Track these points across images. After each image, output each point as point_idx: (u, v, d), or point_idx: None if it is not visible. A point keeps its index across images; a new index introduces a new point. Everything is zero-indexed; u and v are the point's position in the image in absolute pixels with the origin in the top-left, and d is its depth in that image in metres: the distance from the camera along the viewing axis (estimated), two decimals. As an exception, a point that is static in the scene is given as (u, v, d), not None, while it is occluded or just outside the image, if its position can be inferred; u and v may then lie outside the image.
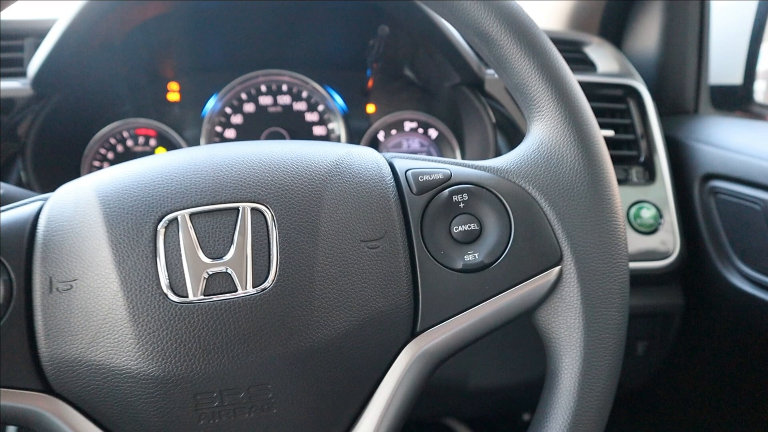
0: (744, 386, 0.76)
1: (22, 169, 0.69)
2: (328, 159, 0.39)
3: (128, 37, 0.71)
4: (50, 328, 0.35)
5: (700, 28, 0.82)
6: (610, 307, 0.38)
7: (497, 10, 0.40)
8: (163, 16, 0.72)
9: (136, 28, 0.70)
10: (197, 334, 0.34)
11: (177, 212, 0.35)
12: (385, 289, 0.37)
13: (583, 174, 0.39)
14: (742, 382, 0.76)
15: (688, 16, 0.81)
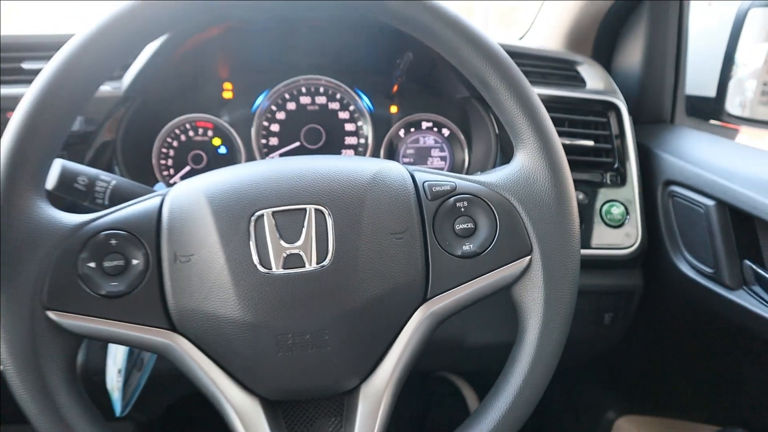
0: (687, 349, 0.89)
1: (114, 157, 0.83)
2: (368, 172, 0.53)
3: (196, 49, 0.85)
4: (175, 287, 0.50)
5: (677, 50, 0.92)
6: (564, 287, 0.53)
7: (496, 66, 0.53)
8: (225, 31, 0.85)
9: (204, 41, 0.84)
10: (278, 295, 0.49)
11: (263, 210, 0.50)
12: (405, 267, 0.52)
13: (550, 192, 0.53)
14: (686, 347, 0.89)
15: (666, 39, 0.91)
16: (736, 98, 1.04)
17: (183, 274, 0.49)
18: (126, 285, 0.49)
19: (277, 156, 0.92)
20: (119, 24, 0.49)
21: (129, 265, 0.50)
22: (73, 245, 0.49)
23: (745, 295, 0.68)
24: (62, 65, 0.48)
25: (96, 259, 0.49)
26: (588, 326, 0.87)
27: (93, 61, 0.49)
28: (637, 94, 0.94)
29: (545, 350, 0.52)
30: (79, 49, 0.48)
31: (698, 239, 0.74)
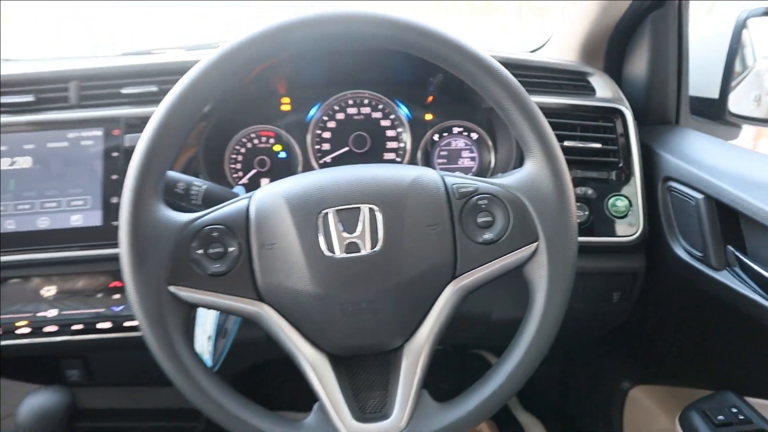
0: (685, 323, 0.99)
1: (197, 164, 0.97)
2: (408, 178, 0.68)
3: (262, 71, 0.99)
4: (262, 268, 0.65)
5: (679, 58, 1.02)
6: (564, 266, 0.67)
7: (509, 93, 0.67)
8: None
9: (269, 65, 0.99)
10: (341, 273, 0.64)
11: (328, 209, 0.65)
12: (438, 252, 0.66)
13: (553, 192, 0.67)
14: (684, 321, 0.99)
15: (668, 49, 1.01)
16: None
17: (268, 258, 0.65)
18: (226, 266, 0.65)
19: (329, 159, 1.07)
20: (233, 56, 0.62)
21: (227, 252, 0.65)
22: (185, 237, 0.65)
23: (728, 275, 0.79)
24: (181, 95, 0.63)
25: (203, 247, 0.65)
26: (599, 304, 0.99)
27: (205, 90, 0.63)
28: (644, 98, 1.04)
29: (549, 316, 0.66)
30: (196, 79, 0.63)
31: (690, 227, 0.85)
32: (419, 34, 0.66)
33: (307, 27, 0.64)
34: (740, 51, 1.11)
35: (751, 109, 1.13)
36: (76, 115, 0.94)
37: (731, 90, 1.09)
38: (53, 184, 0.91)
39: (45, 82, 0.96)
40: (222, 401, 0.64)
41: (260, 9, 7.05)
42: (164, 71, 0.98)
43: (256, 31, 0.64)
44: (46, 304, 0.93)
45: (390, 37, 0.65)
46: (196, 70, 0.64)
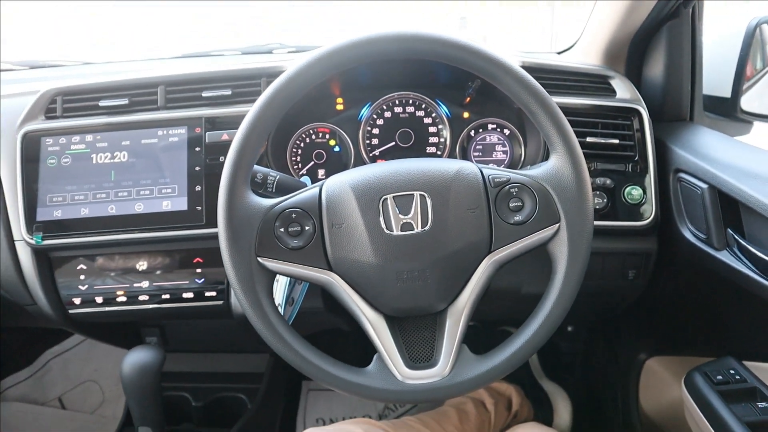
0: (693, 298, 1.10)
1: (267, 157, 1.12)
2: (452, 169, 0.81)
3: None
4: (333, 244, 0.79)
5: (692, 61, 1.13)
6: (581, 244, 0.79)
7: (536, 99, 0.80)
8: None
9: None
10: (397, 247, 0.77)
11: (387, 195, 0.78)
12: (477, 230, 0.80)
13: (573, 182, 0.79)
14: (692, 296, 1.09)
15: (682, 54, 1.12)
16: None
17: (337, 235, 0.79)
18: (302, 242, 0.79)
19: (378, 152, 1.21)
20: (313, 67, 0.77)
21: (304, 230, 0.80)
22: (270, 218, 0.80)
23: (728, 254, 0.91)
24: (268, 100, 0.77)
25: (284, 226, 0.80)
26: (616, 280, 1.11)
27: (288, 96, 0.77)
28: (661, 98, 1.15)
29: (568, 285, 0.79)
30: (280, 87, 0.77)
31: (696, 213, 0.97)
32: (467, 51, 0.79)
33: (384, 42, 0.78)
34: (761, 49, 1.21)
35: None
36: (163, 115, 1.09)
37: (744, 90, 1.19)
38: (146, 174, 1.07)
39: (137, 87, 1.12)
40: (299, 349, 0.79)
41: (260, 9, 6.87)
42: (236, 77, 1.13)
43: (338, 44, 0.78)
44: (140, 276, 1.10)
45: (443, 54, 0.78)
46: (281, 80, 0.78)
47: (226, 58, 1.59)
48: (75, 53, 7.65)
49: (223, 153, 1.06)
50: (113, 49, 8.19)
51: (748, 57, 1.18)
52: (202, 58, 1.68)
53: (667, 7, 1.08)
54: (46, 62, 1.68)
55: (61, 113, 1.10)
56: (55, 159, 1.07)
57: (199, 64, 1.46)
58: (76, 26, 7.47)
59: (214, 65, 1.15)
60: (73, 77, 1.47)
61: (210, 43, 7.02)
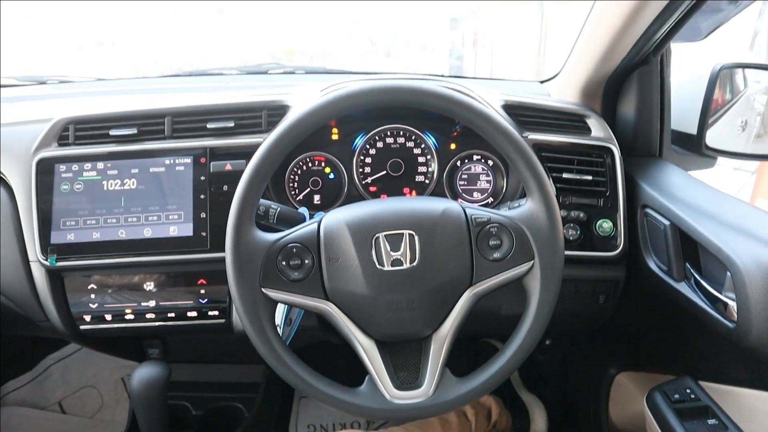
0: (657, 321, 1.19)
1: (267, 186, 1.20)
2: (438, 209, 0.90)
3: None
4: (330, 276, 0.88)
5: (661, 103, 1.22)
6: (552, 280, 0.88)
7: (515, 148, 0.89)
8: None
9: None
10: (388, 281, 0.86)
11: (379, 233, 0.87)
12: (460, 266, 0.89)
13: (546, 225, 0.88)
14: (656, 319, 1.18)
15: (652, 96, 1.21)
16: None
17: (334, 269, 0.88)
18: (302, 275, 0.88)
19: (370, 180, 1.29)
20: (314, 116, 0.86)
21: (303, 263, 0.88)
22: (273, 252, 0.88)
23: (686, 286, 1.00)
24: (270, 147, 0.86)
25: (286, 260, 0.88)
26: (588, 304, 1.20)
27: (291, 140, 0.86)
28: (632, 134, 1.26)
29: (539, 317, 0.88)
30: (284, 133, 0.86)
31: (660, 246, 1.06)
32: (451, 103, 0.88)
33: (375, 94, 0.87)
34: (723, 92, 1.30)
35: (736, 133, 1.32)
36: (170, 145, 1.17)
37: (708, 126, 1.29)
38: (154, 201, 1.15)
39: (145, 117, 1.19)
40: (300, 372, 0.87)
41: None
42: (239, 109, 1.20)
43: (335, 96, 0.87)
44: (147, 296, 1.18)
45: (430, 104, 0.88)
46: (283, 128, 0.87)
47: (228, 83, 1.67)
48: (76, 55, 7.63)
49: (226, 182, 1.14)
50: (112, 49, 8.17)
51: (712, 98, 1.28)
52: (205, 77, 1.76)
53: (638, 55, 1.17)
54: (53, 78, 1.74)
55: (73, 140, 1.17)
56: (68, 185, 1.14)
57: (202, 92, 1.54)
58: (77, 27, 7.42)
59: (217, 97, 1.22)
60: (82, 96, 1.55)
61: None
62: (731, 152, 1.29)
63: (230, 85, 1.67)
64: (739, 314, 0.85)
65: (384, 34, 12.56)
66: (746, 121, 1.36)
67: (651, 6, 1.00)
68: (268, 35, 9.47)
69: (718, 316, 0.91)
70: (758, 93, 1.35)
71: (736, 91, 1.36)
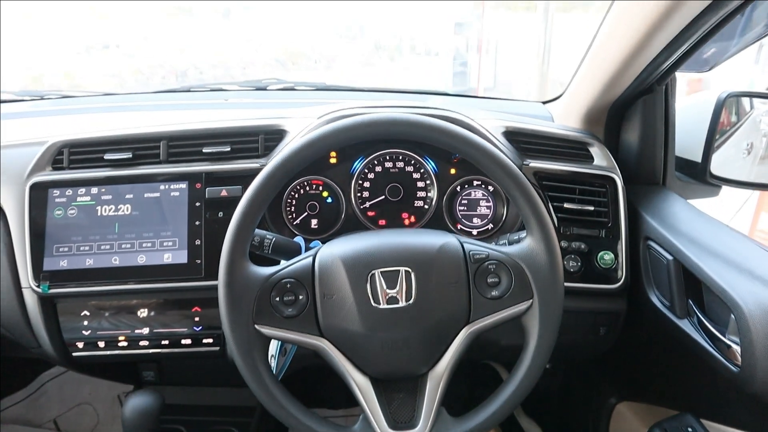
0: (658, 354, 1.17)
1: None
2: (436, 245, 0.88)
3: None
4: (324, 312, 0.86)
5: (665, 131, 1.20)
6: (551, 319, 0.87)
7: (516, 185, 0.88)
8: None
9: None
10: (383, 319, 0.84)
11: (375, 270, 0.86)
12: (457, 303, 0.87)
13: (546, 263, 0.87)
14: (657, 352, 1.17)
15: (656, 123, 1.19)
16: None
17: (329, 306, 0.86)
18: (296, 311, 0.86)
19: (368, 205, 1.28)
20: (310, 148, 0.85)
21: (297, 300, 0.87)
22: (267, 288, 0.86)
23: (688, 324, 0.98)
24: (263, 182, 0.85)
25: (280, 295, 0.86)
26: (588, 335, 1.19)
27: (285, 174, 0.85)
28: (635, 162, 1.24)
29: (538, 357, 0.86)
30: (278, 167, 0.85)
31: (663, 280, 1.04)
32: (449, 136, 0.87)
33: (374, 126, 0.86)
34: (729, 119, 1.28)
35: (741, 156, 1.30)
36: (165, 170, 1.15)
37: (713, 153, 1.27)
38: (149, 227, 1.13)
39: (140, 141, 1.18)
40: (293, 411, 0.86)
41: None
42: (236, 133, 1.19)
43: (336, 127, 0.86)
44: (141, 323, 1.16)
45: (428, 137, 0.87)
46: (275, 163, 0.85)
47: (227, 98, 1.65)
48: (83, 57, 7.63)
49: (222, 209, 1.13)
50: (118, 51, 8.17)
51: (718, 126, 1.26)
52: (203, 93, 1.75)
53: (643, 83, 1.15)
54: (51, 93, 1.73)
55: (67, 164, 1.16)
56: (62, 210, 1.13)
57: (200, 109, 1.52)
58: (84, 30, 7.43)
59: (214, 121, 1.21)
60: (80, 113, 1.53)
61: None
62: (737, 181, 1.27)
63: (229, 102, 1.65)
64: (743, 359, 0.83)
65: (389, 39, 12.52)
66: (752, 143, 1.34)
67: (660, 36, 0.98)
68: (273, 39, 9.48)
69: (721, 358, 0.89)
70: (765, 114, 1.34)
71: (742, 114, 1.34)
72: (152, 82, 12.80)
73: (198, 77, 12.79)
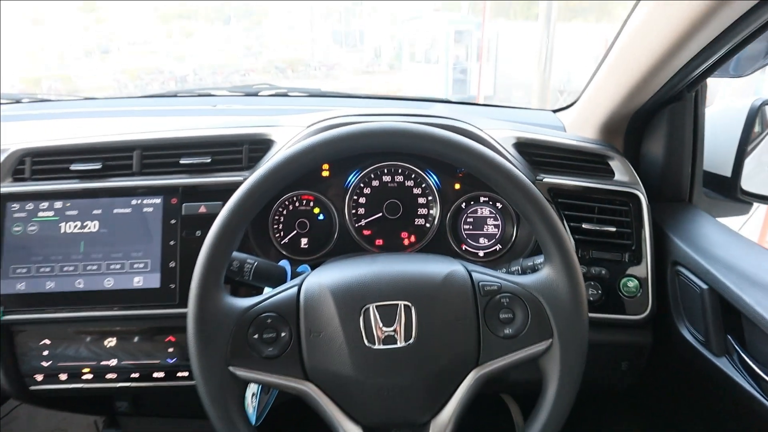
0: (685, 392, 1.06)
1: (247, 231, 1.05)
2: (440, 275, 0.77)
3: None
4: (310, 353, 0.75)
5: (694, 143, 1.09)
6: (574, 362, 0.75)
7: (534, 206, 0.76)
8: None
9: None
10: (378, 362, 0.73)
11: (369, 304, 0.74)
12: (464, 343, 0.75)
13: (568, 296, 0.75)
14: (685, 391, 1.06)
15: (684, 134, 1.08)
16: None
17: (315, 345, 0.74)
18: (277, 350, 0.75)
19: (364, 223, 1.16)
20: (306, 156, 0.74)
21: (279, 337, 0.75)
22: (243, 324, 0.74)
23: (727, 362, 0.87)
24: (240, 201, 0.73)
25: (258, 332, 0.74)
26: (609, 370, 1.07)
27: (267, 190, 0.74)
28: (659, 177, 1.12)
29: (559, 405, 0.75)
30: (258, 183, 0.73)
31: (695, 311, 0.93)
32: (456, 149, 0.75)
33: (371, 137, 0.75)
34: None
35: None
36: (138, 182, 1.03)
37: (744, 166, 1.15)
38: (118, 247, 1.01)
39: (111, 150, 1.06)
40: None
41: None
42: (217, 143, 1.07)
43: (327, 137, 0.75)
44: (108, 353, 1.04)
45: (434, 151, 0.76)
46: (255, 178, 0.74)
47: (216, 104, 1.54)
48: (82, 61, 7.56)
49: (200, 227, 1.01)
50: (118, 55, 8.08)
51: (750, 137, 1.15)
52: (192, 98, 1.63)
53: (671, 90, 1.04)
54: (28, 96, 1.62)
55: (29, 175, 1.04)
56: (21, 226, 1.01)
57: (186, 115, 1.41)
58: (84, 34, 7.36)
59: (193, 129, 1.09)
60: (55, 118, 1.42)
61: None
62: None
63: (217, 108, 1.53)
64: None
65: (389, 47, 12.49)
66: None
67: (697, 38, 0.86)
68: (273, 46, 9.43)
69: (766, 402, 0.77)
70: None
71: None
72: (151, 88, 12.70)
73: (198, 83, 12.70)
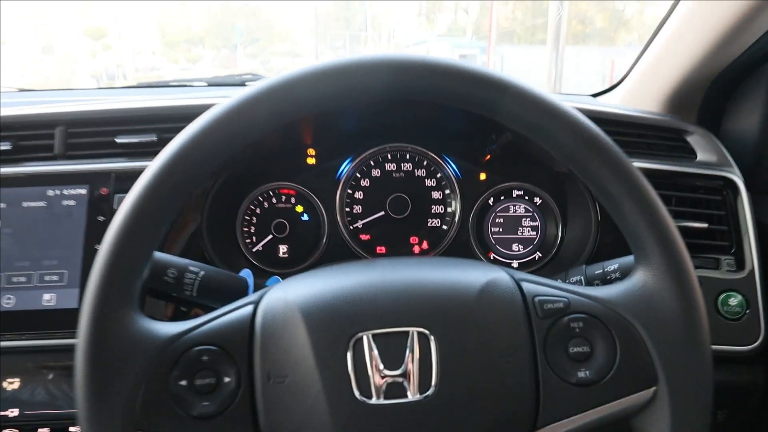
0: None
1: (202, 230, 0.82)
2: (475, 286, 0.49)
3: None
4: (268, 410, 0.47)
5: None
6: (695, 424, 0.48)
7: (618, 172, 0.49)
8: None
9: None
10: (377, 428, 0.45)
11: (363, 332, 0.46)
12: (514, 395, 0.47)
13: (679, 315, 0.47)
14: None
15: None
16: None
17: (276, 397, 0.46)
18: (217, 405, 0.46)
19: (361, 225, 0.90)
20: (213, 131, 0.47)
21: (221, 384, 0.47)
22: (165, 361, 0.46)
23: None
24: (162, 168, 0.46)
25: (188, 376, 0.47)
26: None
27: (190, 165, 0.47)
28: (753, 162, 0.85)
29: None
30: (180, 150, 0.47)
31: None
32: (492, 88, 0.48)
33: (363, 73, 0.48)
34: None
35: None
36: (59, 168, 0.80)
37: None
38: (24, 253, 0.76)
39: (27, 127, 0.82)
40: None
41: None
42: (162, 117, 0.83)
43: (288, 76, 0.48)
44: (7, 401, 0.76)
45: (474, 100, 0.48)
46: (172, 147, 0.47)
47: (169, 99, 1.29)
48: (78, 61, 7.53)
49: (136, 225, 0.74)
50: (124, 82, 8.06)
51: None
52: (167, 89, 1.38)
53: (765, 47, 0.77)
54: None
55: None
56: None
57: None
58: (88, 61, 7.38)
59: (133, 101, 0.83)
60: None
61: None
62: None
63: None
64: None
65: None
66: None
67: None
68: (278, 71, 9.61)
69: None
70: None
71: None
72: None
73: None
